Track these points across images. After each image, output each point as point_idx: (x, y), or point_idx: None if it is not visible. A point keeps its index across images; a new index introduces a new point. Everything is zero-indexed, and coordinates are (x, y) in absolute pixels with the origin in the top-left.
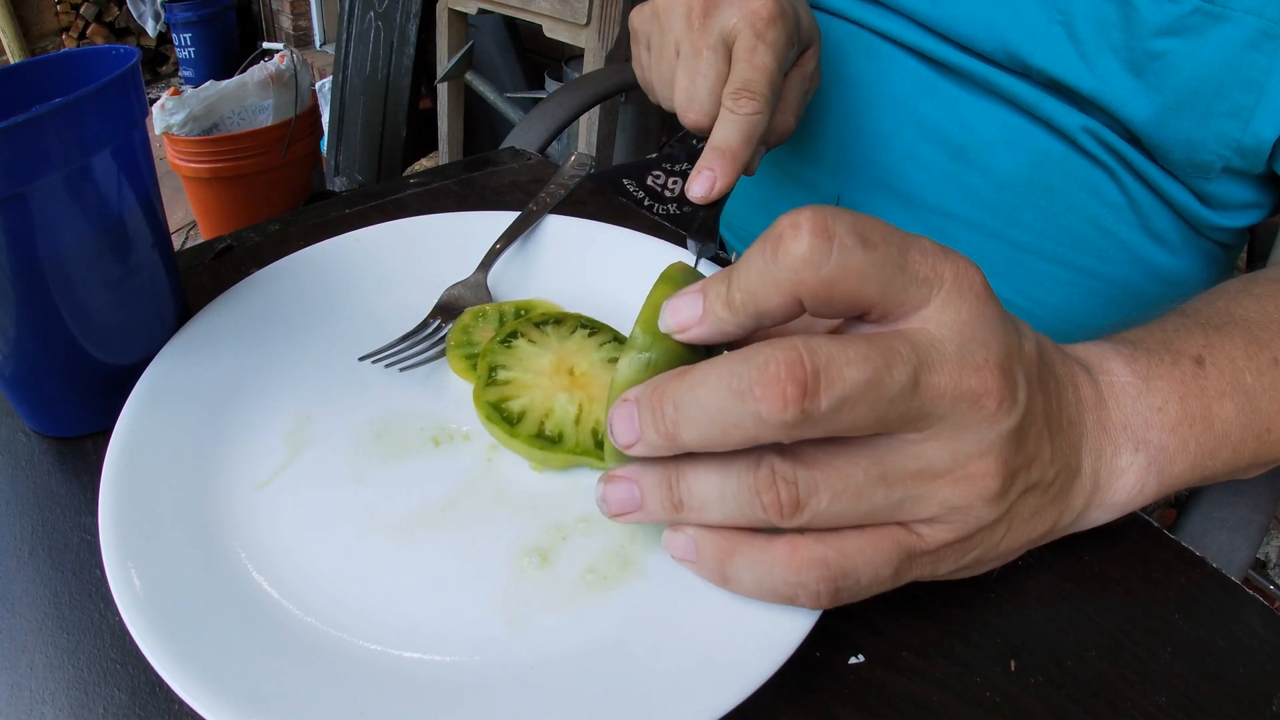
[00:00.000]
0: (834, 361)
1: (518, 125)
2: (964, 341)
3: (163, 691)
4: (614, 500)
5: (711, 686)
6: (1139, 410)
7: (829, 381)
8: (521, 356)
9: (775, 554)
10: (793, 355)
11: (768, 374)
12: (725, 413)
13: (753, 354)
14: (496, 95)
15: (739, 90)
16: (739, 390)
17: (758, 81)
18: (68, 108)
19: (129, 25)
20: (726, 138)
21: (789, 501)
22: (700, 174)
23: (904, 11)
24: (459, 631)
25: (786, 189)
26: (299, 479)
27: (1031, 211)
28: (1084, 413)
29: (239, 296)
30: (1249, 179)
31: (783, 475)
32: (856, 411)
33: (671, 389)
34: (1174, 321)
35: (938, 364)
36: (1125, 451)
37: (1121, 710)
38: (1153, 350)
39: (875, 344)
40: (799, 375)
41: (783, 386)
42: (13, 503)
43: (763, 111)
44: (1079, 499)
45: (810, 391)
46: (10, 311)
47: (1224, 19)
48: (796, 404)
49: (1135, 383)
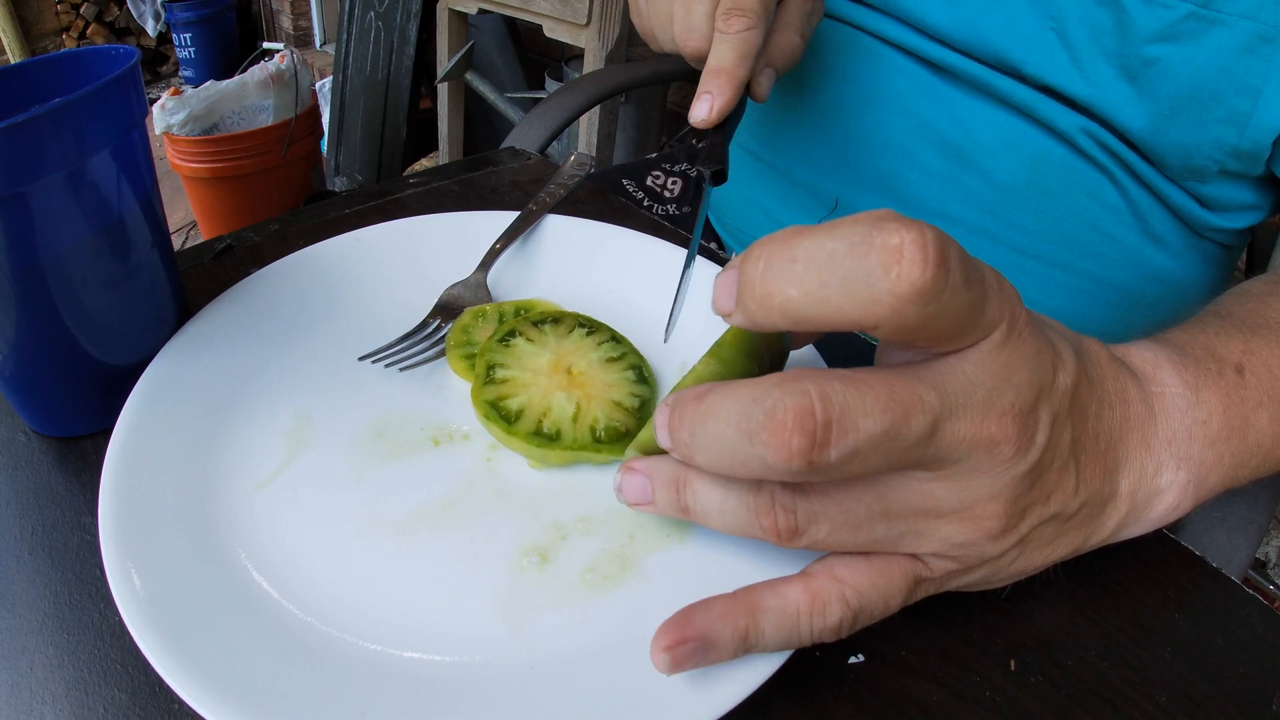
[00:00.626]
0: (849, 413)
1: (518, 125)
2: (996, 385)
3: (163, 691)
4: (629, 491)
5: (712, 686)
6: (1185, 425)
7: (841, 433)
8: (519, 355)
9: (797, 606)
10: (803, 404)
11: (774, 421)
12: (733, 451)
13: (764, 394)
14: (496, 95)
15: (729, 10)
16: (747, 431)
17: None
18: (68, 108)
19: (129, 25)
20: (720, 58)
21: (787, 528)
22: (699, 98)
23: (900, 15)
24: (459, 631)
25: (784, 191)
26: (299, 479)
27: (1031, 214)
28: (1129, 431)
29: (239, 296)
30: (1247, 181)
31: (782, 503)
32: (867, 461)
33: (689, 414)
34: (1213, 324)
35: (962, 410)
36: (1167, 469)
37: (1121, 710)
38: (1200, 358)
39: (898, 391)
40: (808, 427)
41: (789, 436)
42: (13, 503)
43: (755, 27)
44: (1112, 519)
45: (820, 444)
46: (10, 311)
47: (1218, 24)
48: (803, 456)
49: (1186, 394)
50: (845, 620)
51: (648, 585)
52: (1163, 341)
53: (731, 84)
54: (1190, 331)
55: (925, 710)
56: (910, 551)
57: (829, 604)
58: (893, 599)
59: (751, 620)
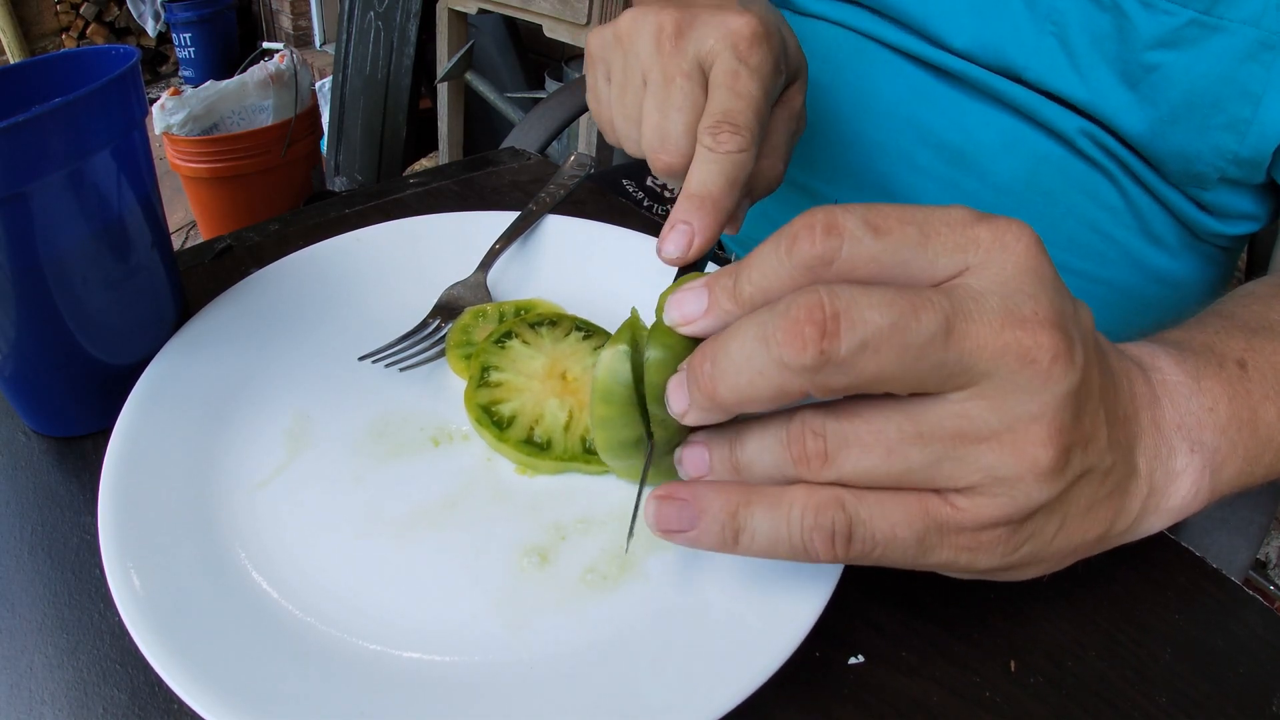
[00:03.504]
0: (856, 304)
1: (518, 125)
2: (1008, 294)
3: (162, 691)
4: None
5: (711, 686)
6: (1192, 410)
7: (850, 323)
8: (515, 358)
9: (792, 496)
10: (813, 299)
11: (788, 317)
12: (752, 361)
13: (778, 303)
14: (496, 95)
15: (719, 123)
16: (763, 337)
17: (741, 112)
18: (68, 108)
19: (129, 25)
20: (705, 181)
21: (816, 453)
22: (674, 229)
23: (899, 18)
24: (459, 631)
25: (782, 195)
26: (299, 479)
27: (1030, 217)
28: (1139, 409)
29: (239, 296)
30: (1247, 189)
31: (811, 427)
32: (882, 358)
33: (710, 345)
34: (1213, 324)
35: (977, 314)
36: (1181, 453)
37: (1121, 710)
38: (1199, 351)
39: (905, 291)
40: (818, 317)
41: (801, 328)
42: (13, 503)
43: (748, 148)
44: (1136, 500)
45: (829, 333)
46: (10, 311)
47: (1220, 30)
48: (815, 344)
49: (1186, 382)
50: (840, 527)
51: (648, 585)
52: (1158, 340)
53: (716, 217)
54: (1188, 330)
55: (925, 710)
56: (949, 484)
57: (824, 502)
58: (901, 528)
59: (744, 500)
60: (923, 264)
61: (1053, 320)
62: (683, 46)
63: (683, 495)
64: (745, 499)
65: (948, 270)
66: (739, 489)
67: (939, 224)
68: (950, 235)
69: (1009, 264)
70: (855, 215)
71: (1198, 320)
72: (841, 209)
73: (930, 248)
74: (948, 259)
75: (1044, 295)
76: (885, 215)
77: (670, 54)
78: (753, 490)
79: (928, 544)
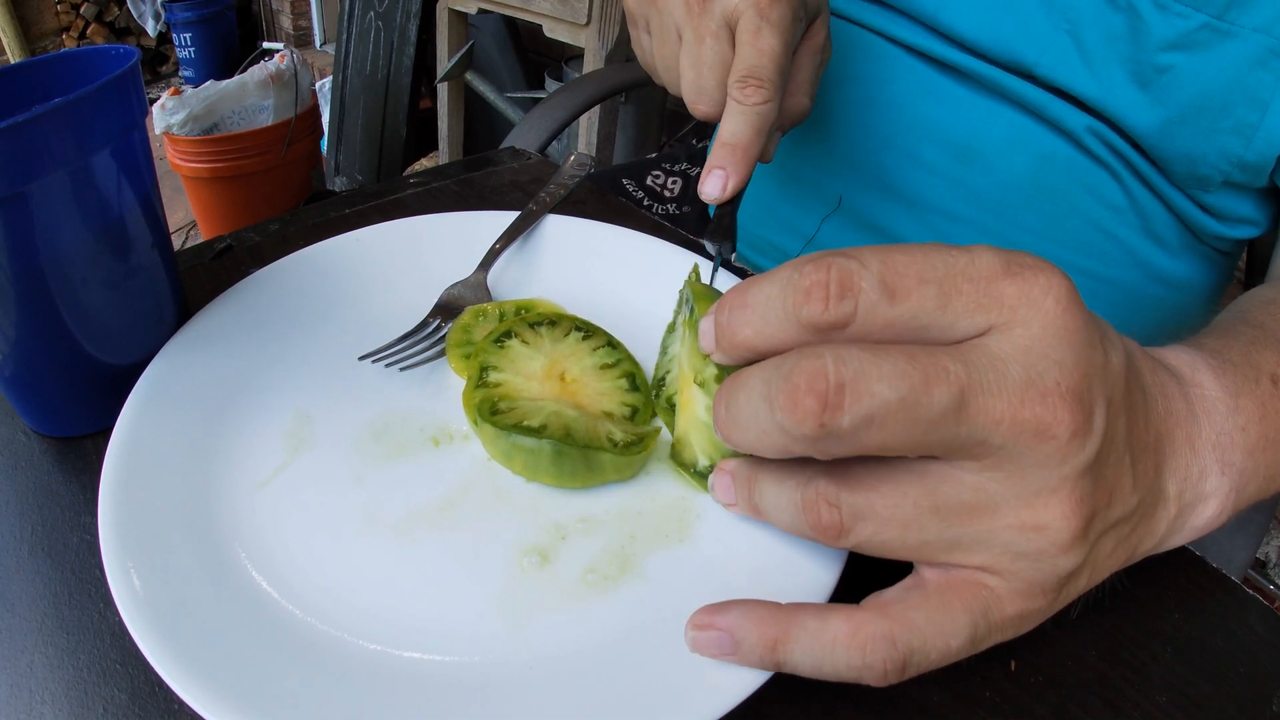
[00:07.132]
0: (863, 376)
1: (518, 125)
2: (1032, 362)
3: (163, 691)
4: (720, 491)
5: (712, 686)
6: (1227, 429)
7: (854, 397)
8: (514, 358)
9: (835, 634)
10: (817, 365)
11: (790, 383)
12: (757, 419)
13: (784, 361)
14: (496, 95)
15: (745, 78)
16: (767, 397)
17: (764, 67)
18: (68, 108)
19: (129, 25)
20: (735, 131)
21: (831, 524)
22: (711, 173)
23: (909, 13)
24: (459, 631)
25: (789, 190)
26: (299, 479)
27: (1034, 214)
28: (1173, 427)
29: (239, 296)
30: (1248, 193)
31: (826, 497)
32: (888, 432)
33: (725, 388)
34: (1246, 333)
35: (995, 387)
36: (1212, 474)
37: (1121, 710)
38: (1238, 365)
39: (920, 360)
40: (819, 388)
41: (801, 397)
42: (13, 503)
43: (771, 99)
44: (1162, 524)
45: (831, 406)
46: (10, 311)
47: (1232, 36)
48: (815, 418)
49: (1225, 399)
50: (891, 662)
51: (648, 585)
52: (1197, 346)
53: (747, 161)
54: (1225, 339)
55: (925, 710)
56: (968, 562)
57: (871, 640)
58: (954, 638)
59: (783, 633)
60: (942, 327)
61: (1075, 388)
62: (709, 6)
63: (720, 626)
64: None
65: (968, 332)
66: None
67: (961, 280)
68: (973, 294)
69: (1035, 324)
70: (872, 274)
71: (1229, 326)
72: (858, 262)
73: (950, 309)
74: (968, 321)
75: (1069, 359)
76: (903, 274)
77: (698, 13)
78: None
79: (979, 638)
